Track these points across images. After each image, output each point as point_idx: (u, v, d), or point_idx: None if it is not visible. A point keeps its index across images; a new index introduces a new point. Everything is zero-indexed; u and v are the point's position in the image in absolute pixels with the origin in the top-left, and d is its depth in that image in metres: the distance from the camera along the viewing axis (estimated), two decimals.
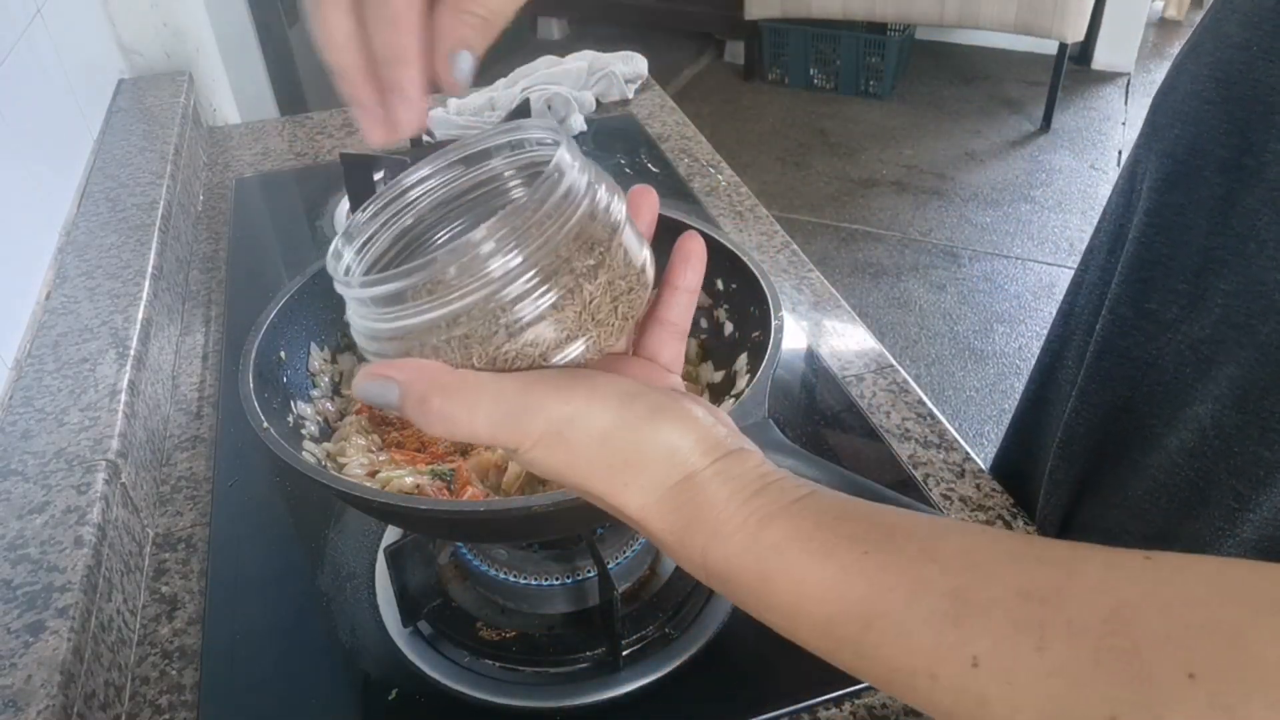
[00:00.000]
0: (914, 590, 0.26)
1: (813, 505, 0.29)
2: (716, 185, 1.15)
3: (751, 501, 0.29)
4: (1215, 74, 0.51)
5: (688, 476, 0.30)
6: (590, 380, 0.31)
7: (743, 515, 0.29)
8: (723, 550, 0.29)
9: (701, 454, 0.30)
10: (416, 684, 0.59)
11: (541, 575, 0.60)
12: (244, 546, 0.70)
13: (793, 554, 0.28)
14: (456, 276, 0.31)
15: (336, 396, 0.65)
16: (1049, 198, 3.01)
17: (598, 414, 0.30)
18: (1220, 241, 0.50)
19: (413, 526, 0.59)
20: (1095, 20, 3.61)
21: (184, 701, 0.59)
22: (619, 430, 0.30)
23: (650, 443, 0.30)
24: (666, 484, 0.30)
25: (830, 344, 0.88)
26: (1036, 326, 2.46)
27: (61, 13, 1.07)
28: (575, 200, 0.32)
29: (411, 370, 0.31)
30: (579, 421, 0.30)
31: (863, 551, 0.27)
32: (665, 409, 0.31)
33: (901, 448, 0.76)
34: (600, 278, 0.32)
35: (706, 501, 0.30)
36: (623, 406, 0.30)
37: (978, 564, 0.26)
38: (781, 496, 0.29)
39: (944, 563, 0.26)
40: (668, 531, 0.30)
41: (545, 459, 0.31)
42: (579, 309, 0.32)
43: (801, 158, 3.34)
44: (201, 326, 0.95)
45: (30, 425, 0.69)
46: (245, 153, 1.29)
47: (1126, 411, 0.58)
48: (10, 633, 0.54)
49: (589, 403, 0.30)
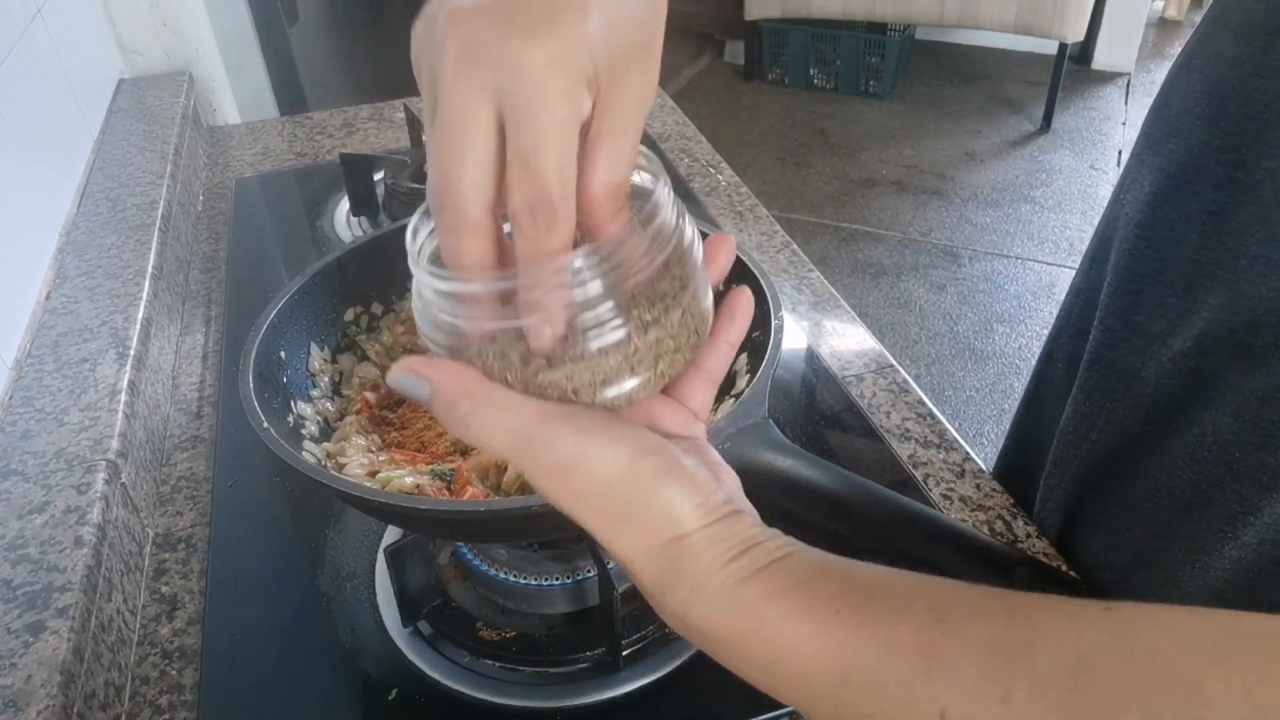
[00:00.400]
0: (887, 647, 0.27)
1: (790, 566, 0.30)
2: (716, 185, 1.15)
3: (733, 564, 0.30)
4: (1208, 90, 0.51)
5: (679, 537, 0.31)
6: (609, 427, 0.32)
7: (723, 576, 0.30)
8: (702, 608, 0.30)
9: (696, 518, 0.31)
10: (416, 684, 0.59)
11: (541, 575, 0.60)
12: (244, 546, 0.70)
13: (769, 614, 0.29)
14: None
15: (336, 396, 0.65)
16: (1049, 198, 3.01)
17: (607, 462, 0.31)
18: (1211, 256, 0.50)
19: (413, 526, 0.59)
20: (1095, 20, 3.62)
21: (184, 701, 0.59)
22: (623, 483, 0.31)
23: (650, 501, 0.31)
24: (657, 541, 0.31)
25: (830, 344, 0.88)
26: (1036, 326, 2.46)
27: (61, 13, 1.07)
28: (662, 243, 0.32)
29: (446, 373, 0.32)
30: (587, 464, 0.31)
31: (835, 610, 0.28)
32: (672, 470, 0.32)
33: (901, 448, 0.76)
34: (651, 334, 0.32)
35: (691, 561, 0.31)
36: (633, 460, 0.31)
37: (946, 618, 0.27)
38: (763, 557, 0.30)
39: (915, 620, 0.27)
40: (652, 584, 0.31)
41: (548, 488, 0.32)
42: (623, 357, 0.32)
43: (801, 158, 3.34)
44: (201, 326, 0.95)
45: (30, 425, 0.69)
46: (245, 153, 1.29)
47: (1111, 424, 0.59)
48: (10, 633, 0.54)
49: (601, 449, 0.31)
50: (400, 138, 1.29)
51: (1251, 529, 0.51)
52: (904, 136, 3.43)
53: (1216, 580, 0.53)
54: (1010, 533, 0.68)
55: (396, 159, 1.09)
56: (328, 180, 1.18)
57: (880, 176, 3.19)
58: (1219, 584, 0.53)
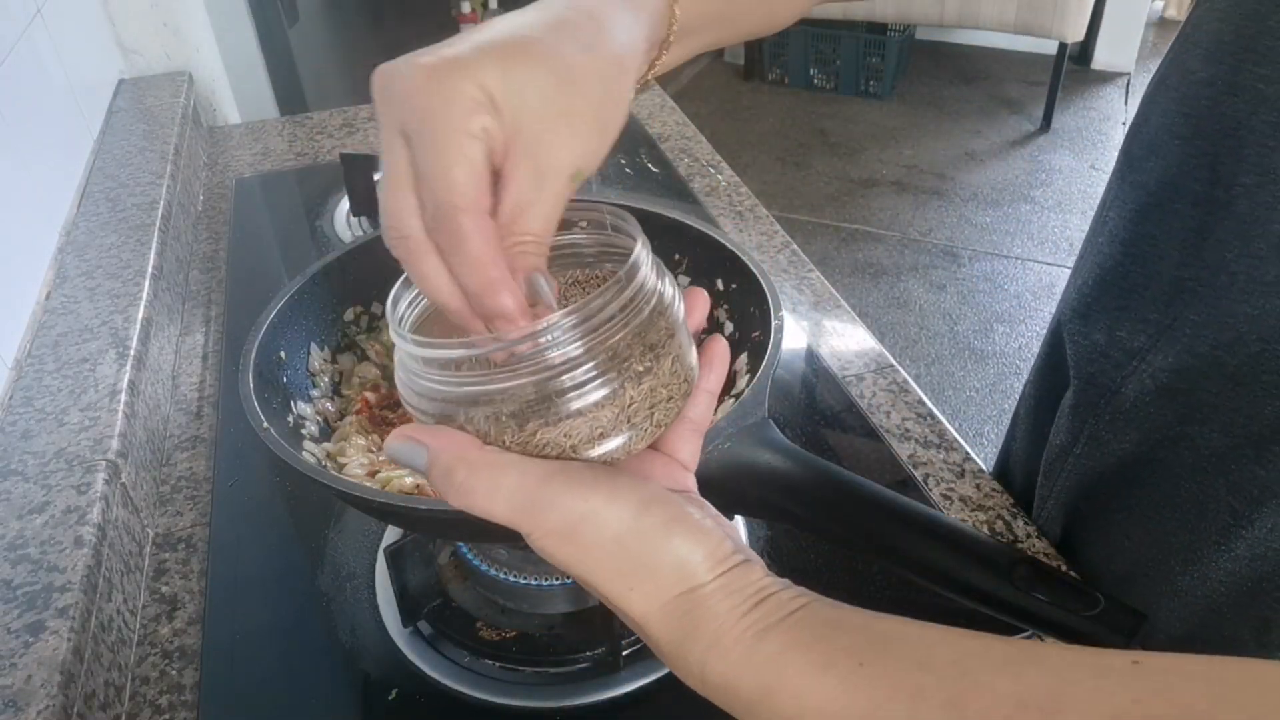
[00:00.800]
0: (912, 701, 0.27)
1: (809, 618, 0.30)
2: (716, 185, 1.15)
3: (750, 615, 0.30)
4: (1183, 109, 0.51)
5: (692, 589, 0.31)
6: (612, 481, 0.31)
7: (741, 628, 0.30)
8: (721, 663, 0.30)
9: (708, 568, 0.31)
10: (416, 684, 0.59)
11: (541, 575, 0.60)
12: (244, 546, 0.70)
13: (792, 667, 0.29)
14: (512, 358, 0.31)
15: (336, 396, 0.65)
16: (1049, 198, 3.01)
17: (614, 516, 0.31)
18: (1191, 273, 0.50)
19: (413, 526, 0.59)
20: (1095, 20, 3.62)
21: (184, 701, 0.59)
22: (632, 536, 0.31)
23: (661, 552, 0.31)
24: (671, 594, 0.31)
25: (830, 344, 0.88)
26: (1036, 326, 2.46)
27: (61, 12, 1.07)
28: (641, 302, 0.32)
29: (443, 440, 0.32)
30: (593, 521, 0.31)
31: (858, 663, 0.28)
32: (680, 520, 0.31)
33: (901, 448, 0.76)
34: (645, 383, 0.33)
35: (708, 614, 0.30)
36: (640, 513, 0.31)
37: (971, 671, 0.27)
38: (779, 609, 0.30)
39: (939, 672, 0.27)
40: (666, 640, 0.31)
41: (555, 550, 0.31)
42: (618, 409, 0.32)
43: (801, 158, 3.34)
44: (201, 326, 0.95)
45: (30, 425, 0.69)
46: (245, 153, 1.29)
47: (1094, 439, 0.59)
48: (10, 633, 0.54)
49: (607, 504, 0.31)
50: None
51: (1243, 542, 0.51)
52: (904, 136, 3.43)
53: (1214, 593, 0.54)
54: (1010, 533, 0.68)
55: None
56: (328, 180, 1.17)
57: (880, 176, 3.19)
58: (1216, 597, 0.54)
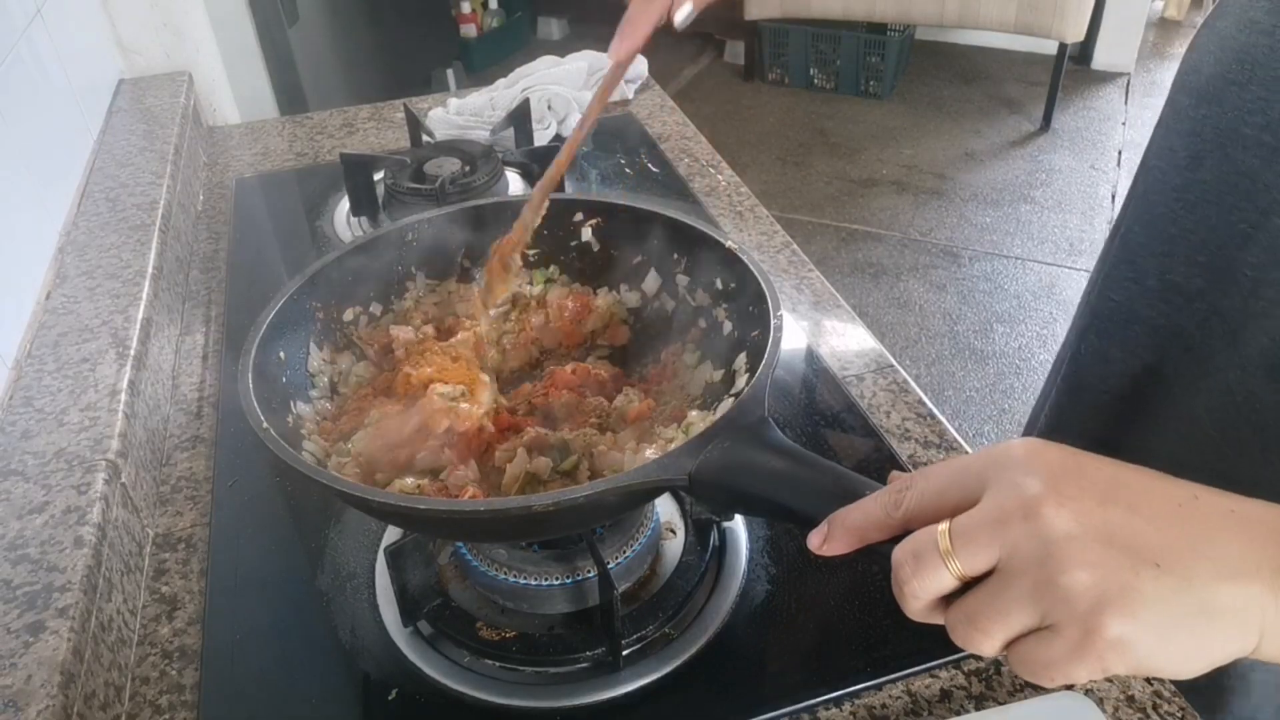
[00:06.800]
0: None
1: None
2: (716, 185, 1.15)
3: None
4: (1241, 57, 0.53)
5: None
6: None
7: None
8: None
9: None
10: (416, 684, 0.59)
11: (541, 575, 0.60)
12: (244, 546, 0.70)
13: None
14: None
15: (335, 396, 0.65)
16: (1049, 198, 3.01)
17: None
18: (1244, 216, 0.53)
19: (413, 526, 0.59)
20: (1095, 20, 3.61)
21: (184, 701, 0.59)
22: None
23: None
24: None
25: (830, 344, 0.88)
26: (1036, 326, 2.46)
27: (61, 13, 1.07)
28: None
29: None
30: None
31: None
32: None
33: (901, 448, 0.76)
34: None
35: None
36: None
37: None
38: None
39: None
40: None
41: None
42: None
43: (801, 158, 3.34)
44: (201, 326, 0.95)
45: (30, 425, 0.69)
46: (245, 153, 1.29)
47: (1150, 375, 0.61)
48: (10, 633, 0.54)
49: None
50: (400, 138, 1.29)
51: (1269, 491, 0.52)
52: (904, 136, 3.43)
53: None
54: None
55: (396, 159, 1.09)
56: (328, 180, 1.17)
57: (880, 176, 3.19)
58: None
